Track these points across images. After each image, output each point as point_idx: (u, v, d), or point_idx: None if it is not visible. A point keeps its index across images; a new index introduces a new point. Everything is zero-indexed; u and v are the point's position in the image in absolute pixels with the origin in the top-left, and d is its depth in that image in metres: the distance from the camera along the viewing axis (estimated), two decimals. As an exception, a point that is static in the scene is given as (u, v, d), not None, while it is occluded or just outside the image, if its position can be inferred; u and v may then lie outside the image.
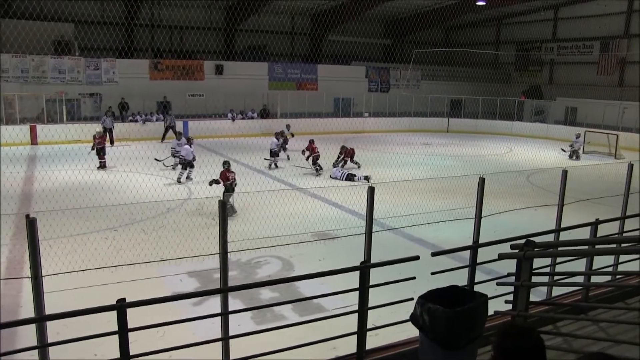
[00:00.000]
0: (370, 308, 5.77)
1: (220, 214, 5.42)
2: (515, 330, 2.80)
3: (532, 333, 2.74)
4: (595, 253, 7.15)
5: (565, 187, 8.44)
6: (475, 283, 6.67)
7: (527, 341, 2.69)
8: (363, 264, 5.76)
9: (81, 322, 5.04)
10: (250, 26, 41.14)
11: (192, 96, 36.73)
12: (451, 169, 22.28)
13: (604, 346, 5.57)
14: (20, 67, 31.88)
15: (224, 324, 5.52)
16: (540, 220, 12.21)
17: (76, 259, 9.89)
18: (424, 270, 6.13)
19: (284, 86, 40.76)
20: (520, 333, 2.75)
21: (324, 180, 21.27)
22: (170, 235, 12.88)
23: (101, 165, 22.02)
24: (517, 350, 2.67)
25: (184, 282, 10.57)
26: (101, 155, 22.17)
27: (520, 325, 2.78)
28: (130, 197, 16.39)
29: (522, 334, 2.74)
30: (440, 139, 36.96)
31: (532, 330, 2.80)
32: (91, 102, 34.27)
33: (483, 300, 4.96)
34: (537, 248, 5.81)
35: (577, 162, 28.18)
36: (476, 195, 7.22)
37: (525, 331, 2.77)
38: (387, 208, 14.76)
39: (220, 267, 5.54)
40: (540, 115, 42.55)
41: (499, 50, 48.49)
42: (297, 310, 9.11)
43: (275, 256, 11.95)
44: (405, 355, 5.74)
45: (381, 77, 45.28)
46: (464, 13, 43.78)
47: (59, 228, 11.39)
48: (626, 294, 7.13)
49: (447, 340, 4.64)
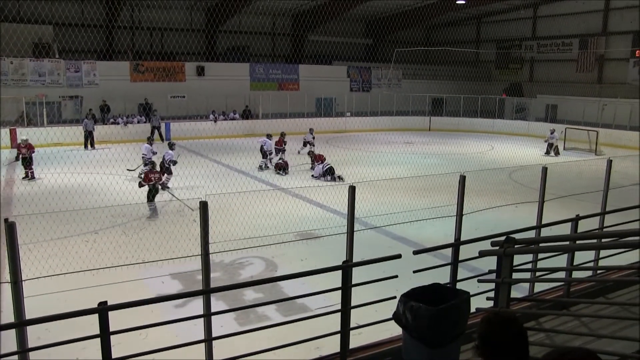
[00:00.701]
0: (353, 307, 5.77)
1: (201, 215, 5.39)
2: (498, 319, 2.85)
3: (515, 321, 2.80)
4: (575, 249, 7.20)
5: (545, 184, 8.49)
6: (458, 280, 6.69)
7: (510, 329, 2.74)
8: (345, 263, 5.76)
9: (63, 326, 4.99)
10: (231, 27, 41.04)
11: (173, 98, 36.57)
12: (433, 167, 22.32)
13: (586, 341, 5.60)
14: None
15: (206, 326, 5.50)
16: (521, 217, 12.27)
17: (57, 263, 9.80)
18: (407, 269, 6.14)
19: (265, 87, 40.69)
20: (503, 321, 2.80)
21: (306, 180, 21.26)
22: (151, 238, 12.79)
23: (27, 175, 20.60)
24: (500, 338, 2.72)
25: (166, 284, 10.52)
26: (27, 165, 20.73)
27: (503, 314, 2.85)
28: (111, 199, 16.30)
29: (505, 322, 2.79)
30: (422, 137, 37.07)
31: (515, 319, 2.85)
32: (72, 105, 34.00)
33: (465, 297, 4.97)
34: (517, 245, 5.83)
35: (557, 158, 28.37)
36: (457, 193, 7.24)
37: (508, 320, 2.82)
38: (369, 207, 14.77)
39: (202, 269, 5.52)
40: (521, 112, 42.79)
41: (479, 48, 48.78)
42: (280, 311, 9.09)
43: (259, 257, 11.93)
44: (388, 354, 5.74)
45: (362, 76, 45.34)
46: (444, 12, 43.96)
47: (39, 232, 11.29)
48: (607, 289, 7.18)
49: (430, 338, 4.64)
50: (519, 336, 2.74)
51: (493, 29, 47.19)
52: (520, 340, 2.74)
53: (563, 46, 44.06)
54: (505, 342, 2.72)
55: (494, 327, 2.78)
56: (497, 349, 2.73)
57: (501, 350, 2.72)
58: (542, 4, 44.94)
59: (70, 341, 4.50)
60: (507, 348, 2.71)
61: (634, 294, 6.98)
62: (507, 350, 2.71)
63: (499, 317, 2.93)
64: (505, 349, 2.71)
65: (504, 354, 2.72)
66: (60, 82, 33.59)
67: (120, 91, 34.23)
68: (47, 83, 33.04)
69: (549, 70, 43.65)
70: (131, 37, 39.39)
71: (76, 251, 11.59)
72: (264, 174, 22.39)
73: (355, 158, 24.41)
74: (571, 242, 6.99)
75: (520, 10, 44.92)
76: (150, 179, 15.98)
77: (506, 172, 21.69)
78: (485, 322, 2.84)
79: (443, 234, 11.92)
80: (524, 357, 2.72)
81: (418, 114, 42.66)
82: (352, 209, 6.17)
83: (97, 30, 36.44)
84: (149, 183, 15.91)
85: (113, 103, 33.99)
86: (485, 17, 49.26)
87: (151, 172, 16.10)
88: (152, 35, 40.12)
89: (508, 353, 2.71)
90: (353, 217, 6.19)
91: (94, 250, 12.01)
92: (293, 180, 20.52)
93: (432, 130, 41.38)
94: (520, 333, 2.75)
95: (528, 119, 41.29)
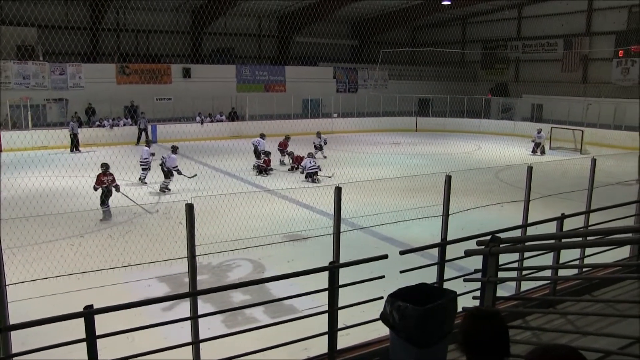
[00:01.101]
0: (340, 308, 5.77)
1: (187, 217, 5.37)
2: (479, 314, 2.94)
3: (496, 316, 2.87)
4: (561, 247, 7.23)
5: (530, 183, 8.53)
6: (444, 280, 6.69)
7: (491, 323, 2.81)
8: (332, 264, 5.75)
9: (48, 331, 4.94)
10: (217, 29, 40.93)
11: (159, 100, 36.43)
12: (420, 168, 22.38)
13: (572, 338, 5.64)
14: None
15: (194, 328, 5.48)
16: (508, 216, 12.33)
17: (42, 267, 9.74)
18: (393, 269, 6.14)
19: (252, 88, 40.64)
20: (484, 316, 2.88)
21: (293, 181, 21.25)
22: (137, 241, 12.74)
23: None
24: (481, 332, 2.78)
25: (153, 287, 10.47)
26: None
27: (484, 309, 2.92)
28: (97, 202, 16.19)
29: (486, 317, 2.87)
30: (409, 137, 37.15)
31: (496, 313, 2.93)
32: (57, 108, 33.77)
33: (452, 297, 4.97)
34: (503, 244, 5.84)
35: (543, 157, 28.53)
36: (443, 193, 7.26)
37: (489, 315, 2.90)
38: (356, 207, 14.79)
39: (188, 271, 5.50)
40: (507, 112, 43.02)
41: (465, 49, 48.94)
42: (268, 312, 9.08)
43: (246, 259, 11.91)
44: (376, 354, 5.74)
45: (349, 77, 45.39)
46: (430, 13, 44.04)
47: (24, 236, 11.21)
48: (593, 287, 7.22)
49: (418, 338, 4.63)
50: (500, 330, 2.79)
51: (478, 30, 47.42)
52: (502, 335, 2.79)
53: (548, 46, 44.32)
54: (487, 336, 2.77)
55: (475, 322, 2.84)
56: (479, 343, 2.78)
57: (482, 344, 2.77)
58: (526, 5, 45.22)
59: (55, 346, 4.46)
60: (488, 342, 2.77)
61: (619, 291, 7.03)
62: (488, 344, 2.77)
63: (480, 312, 3.05)
64: (487, 343, 2.77)
65: (485, 348, 2.77)
66: (45, 85, 33.37)
67: (105, 94, 34.06)
68: (32, 86, 32.80)
69: (534, 70, 43.89)
70: (116, 39, 39.22)
71: (61, 255, 11.51)
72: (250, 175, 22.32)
73: (341, 159, 24.41)
74: (557, 240, 7.03)
75: (505, 11, 45.15)
76: (102, 182, 15.86)
77: (492, 172, 21.78)
78: (467, 318, 2.90)
79: (429, 234, 11.94)
80: (505, 351, 2.77)
81: (404, 115, 42.76)
82: (338, 209, 6.17)
83: (82, 32, 36.19)
84: (101, 186, 15.82)
85: (99, 106, 33.83)
86: (471, 18, 49.46)
87: (103, 175, 15.97)
88: (138, 37, 39.96)
89: (489, 347, 2.76)
90: (339, 218, 6.18)
91: (80, 254, 11.93)
92: (280, 181, 20.49)
93: (419, 130, 41.47)
94: (501, 327, 2.81)
95: (514, 118, 41.53)
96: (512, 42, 47.03)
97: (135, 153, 25.23)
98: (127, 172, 21.16)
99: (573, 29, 41.99)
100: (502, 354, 2.76)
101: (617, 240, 5.67)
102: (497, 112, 42.87)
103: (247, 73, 41.01)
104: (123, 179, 18.08)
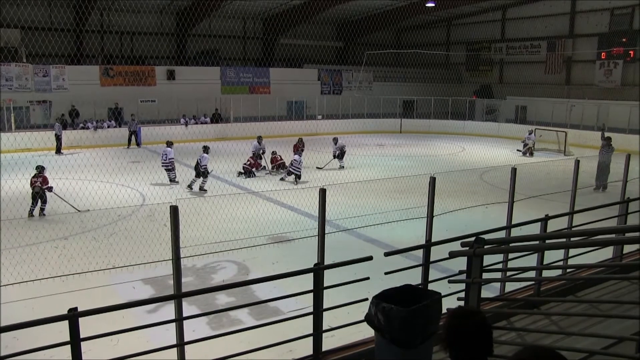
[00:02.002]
0: (326, 310, 5.77)
1: (172, 220, 5.35)
2: (462, 312, 3.04)
3: (478, 314, 2.98)
4: (545, 248, 7.28)
5: (514, 184, 8.57)
6: (429, 281, 6.72)
7: (472, 320, 2.90)
8: (316, 265, 5.76)
9: (32, 334, 4.92)
10: (202, 31, 40.84)
11: (144, 102, 36.23)
12: (405, 169, 22.45)
13: (556, 338, 5.68)
14: (-35, 74, 31.04)
15: (178, 330, 5.46)
16: (492, 217, 12.39)
17: (25, 270, 9.67)
18: (378, 270, 6.16)
19: (236, 90, 40.53)
20: (466, 314, 2.98)
21: (277, 183, 21.25)
22: (122, 243, 12.68)
23: None
24: (464, 329, 2.87)
25: (137, 290, 10.42)
26: None
27: (467, 308, 3.01)
28: (81, 205, 16.11)
29: (468, 315, 2.96)
30: (394, 139, 37.23)
31: (478, 312, 3.06)
32: (41, 110, 33.53)
33: (436, 298, 4.99)
34: (487, 245, 5.87)
35: (530, 158, 28.74)
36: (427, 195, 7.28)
37: (471, 313, 3.00)
38: (340, 209, 14.81)
39: (173, 273, 5.48)
40: (492, 114, 43.21)
41: (449, 50, 49.11)
42: (253, 314, 9.06)
43: (230, 261, 11.88)
44: (362, 355, 5.75)
45: (333, 79, 45.40)
46: (414, 15, 44.17)
47: (6, 239, 11.13)
48: (577, 287, 7.28)
49: (403, 339, 4.65)
50: (481, 327, 2.87)
51: (463, 32, 47.61)
52: (484, 331, 2.87)
53: (532, 48, 44.58)
54: (468, 333, 2.85)
55: (458, 319, 2.93)
56: (461, 339, 2.87)
57: (465, 341, 2.85)
58: (510, 7, 45.45)
59: (39, 349, 4.42)
60: (471, 339, 2.85)
61: (602, 291, 7.09)
62: (471, 340, 2.85)
63: (462, 310, 3.17)
64: (469, 340, 2.85)
65: (468, 345, 2.85)
66: (28, 87, 33.10)
67: (89, 96, 33.81)
68: (15, 88, 32.53)
69: (518, 71, 44.11)
70: (100, 41, 39.01)
71: (45, 258, 11.42)
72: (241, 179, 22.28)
73: (326, 161, 24.42)
74: (541, 241, 7.07)
75: (489, 13, 45.34)
76: (32, 182, 16.07)
77: (477, 173, 21.89)
78: (450, 316, 2.99)
79: (414, 235, 11.96)
80: (488, 349, 2.85)
81: (389, 117, 42.80)
82: (323, 211, 6.17)
83: (66, 34, 35.97)
84: (31, 186, 16.00)
85: (82, 108, 33.60)
86: (455, 20, 49.64)
87: (34, 177, 16.16)
88: (122, 39, 39.77)
89: (471, 343, 2.85)
90: (324, 219, 6.18)
91: (64, 257, 11.85)
92: (264, 183, 20.48)
93: (403, 132, 41.56)
94: (484, 324, 2.89)
95: (498, 120, 41.71)
96: (496, 43, 47.27)
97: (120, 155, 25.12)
98: (112, 174, 21.10)
99: (556, 30, 42.27)
100: (485, 352, 2.80)
101: (600, 241, 5.72)
102: (481, 114, 43.04)
103: (232, 75, 40.92)
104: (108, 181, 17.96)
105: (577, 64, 42.12)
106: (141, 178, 19.61)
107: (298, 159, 21.54)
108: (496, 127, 39.76)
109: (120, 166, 22.10)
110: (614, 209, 9.13)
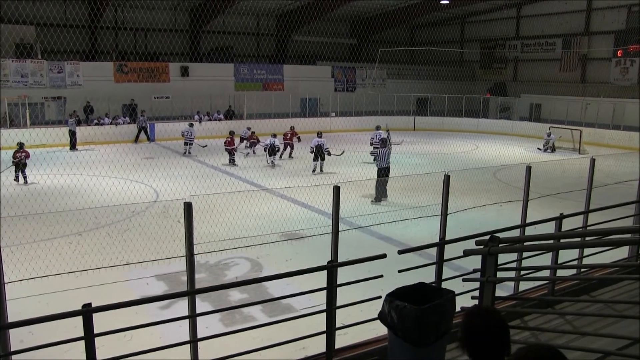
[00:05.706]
0: (339, 307, 5.75)
1: (185, 216, 5.36)
2: (479, 311, 3.07)
3: (495, 313, 2.96)
4: (559, 247, 7.22)
5: (529, 182, 8.52)
6: (443, 280, 6.69)
7: (490, 320, 2.88)
8: (330, 263, 5.75)
9: (46, 329, 4.94)
10: (215, 27, 40.90)
11: (157, 98, 36.36)
12: (418, 167, 22.39)
13: (570, 338, 5.63)
14: (-20, 70, 31.26)
15: (191, 327, 5.47)
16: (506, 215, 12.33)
17: (40, 265, 9.72)
18: (392, 268, 6.13)
19: (250, 87, 40.59)
20: (484, 313, 2.98)
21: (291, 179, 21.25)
22: (136, 239, 12.72)
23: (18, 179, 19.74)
24: (483, 328, 2.85)
25: (151, 286, 10.46)
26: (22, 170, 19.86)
27: (485, 307, 3.00)
28: (95, 201, 16.20)
29: (486, 314, 2.96)
30: (407, 137, 37.12)
31: (495, 311, 3.05)
32: (55, 106, 33.72)
33: (450, 296, 4.96)
34: (502, 244, 5.84)
35: (550, 155, 29.05)
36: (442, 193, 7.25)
37: (489, 312, 3.01)
38: (354, 207, 14.78)
39: (187, 270, 5.49)
40: (506, 112, 42.99)
41: (463, 48, 48.96)
42: (266, 311, 9.06)
43: (244, 257, 11.89)
44: (374, 354, 5.73)
45: (347, 76, 45.32)
46: (429, 12, 44.05)
47: (22, 234, 11.20)
48: (591, 287, 7.22)
49: (416, 337, 4.63)
50: (500, 326, 2.85)
51: (477, 29, 47.39)
52: (502, 331, 2.85)
53: (546, 46, 44.31)
54: (486, 333, 2.83)
55: (477, 318, 2.91)
56: (480, 339, 2.84)
57: (484, 340, 2.83)
58: (525, 4, 45.17)
59: (54, 344, 4.44)
60: (488, 338, 2.83)
61: (617, 291, 7.03)
62: (489, 339, 2.83)
63: (479, 309, 3.20)
64: (488, 339, 2.83)
65: (486, 344, 2.83)
66: (43, 83, 33.30)
67: (104, 92, 33.95)
68: (30, 84, 32.74)
69: (533, 69, 43.89)
70: (115, 38, 39.16)
71: (59, 253, 11.48)
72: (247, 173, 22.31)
73: (340, 158, 24.39)
74: (555, 240, 7.02)
75: (503, 10, 45.14)
76: (15, 157, 19.31)
77: (491, 171, 21.79)
78: (467, 315, 2.97)
79: (428, 233, 11.94)
80: (505, 348, 2.82)
81: (402, 114, 42.68)
82: (336, 208, 6.15)
83: (80, 30, 36.14)
84: (13, 158, 19.36)
85: (97, 104, 33.76)
86: (469, 17, 49.45)
87: (17, 152, 19.39)
88: (136, 36, 39.92)
89: (490, 343, 2.82)
90: (338, 217, 6.17)
91: (78, 252, 11.91)
92: (278, 180, 20.48)
93: (417, 130, 41.41)
94: (501, 323, 2.86)
95: (512, 118, 41.50)
96: (511, 41, 47.03)
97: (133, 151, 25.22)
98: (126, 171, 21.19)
99: (572, 28, 41.99)
100: (503, 351, 2.79)
101: (615, 241, 5.67)
102: (495, 112, 42.84)
103: (245, 72, 40.95)
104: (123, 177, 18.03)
105: (592, 62, 41.81)
106: (155, 174, 19.70)
107: (273, 141, 23.59)
108: (510, 125, 39.55)
109: (134, 162, 22.17)
110: (630, 208, 9.05)
